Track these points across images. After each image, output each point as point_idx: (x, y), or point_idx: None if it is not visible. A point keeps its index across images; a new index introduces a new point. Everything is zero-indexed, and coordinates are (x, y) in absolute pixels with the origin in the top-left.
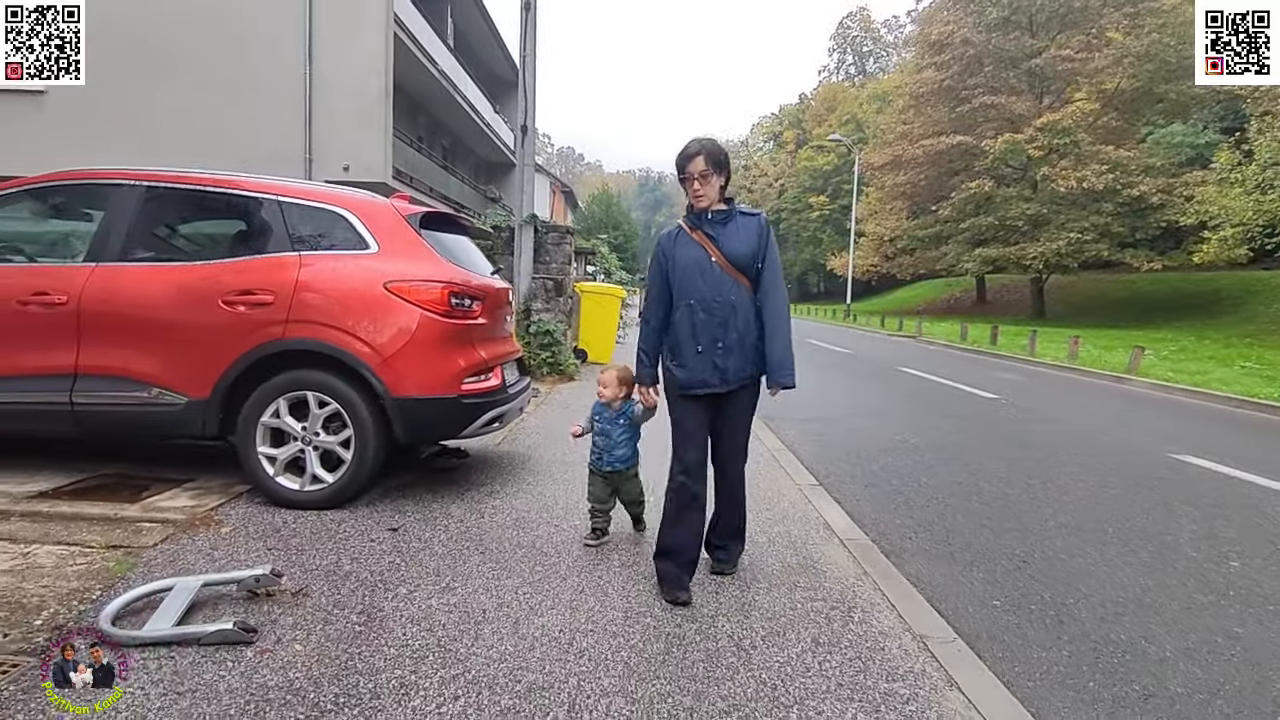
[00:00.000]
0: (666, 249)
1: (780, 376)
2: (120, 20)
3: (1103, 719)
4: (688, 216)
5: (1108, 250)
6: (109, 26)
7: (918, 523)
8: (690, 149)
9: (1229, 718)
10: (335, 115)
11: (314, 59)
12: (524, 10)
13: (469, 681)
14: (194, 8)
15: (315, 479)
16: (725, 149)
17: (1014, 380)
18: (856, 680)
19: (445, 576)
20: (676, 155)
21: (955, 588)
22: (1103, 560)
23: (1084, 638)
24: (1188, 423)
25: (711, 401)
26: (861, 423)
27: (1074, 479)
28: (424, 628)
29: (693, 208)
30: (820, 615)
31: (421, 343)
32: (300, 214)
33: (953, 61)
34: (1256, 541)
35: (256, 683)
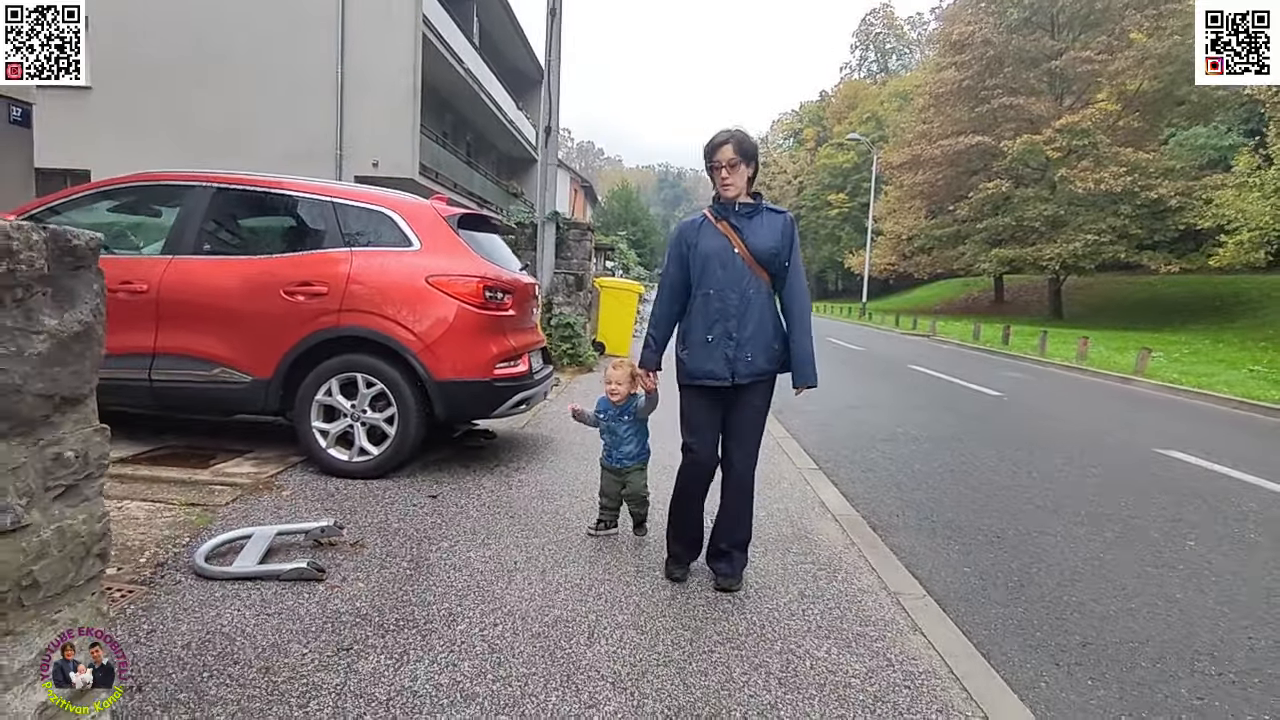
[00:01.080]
0: (689, 236)
1: (805, 376)
2: (162, 22)
3: (1043, 660)
4: (714, 206)
5: (1125, 252)
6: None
7: (906, 503)
8: (719, 138)
9: (1152, 660)
10: (366, 113)
11: (345, 58)
12: (550, 16)
13: (505, 613)
14: (232, 12)
15: (362, 451)
16: (755, 141)
17: (1020, 379)
18: (834, 625)
19: (480, 535)
20: (705, 144)
21: (932, 557)
22: (1071, 538)
23: (1040, 599)
24: (1183, 422)
25: (721, 395)
26: (865, 415)
27: (1059, 469)
28: (465, 574)
29: (719, 198)
30: (808, 574)
31: (459, 331)
32: (351, 214)
33: (973, 61)
34: (1217, 526)
35: (330, 609)
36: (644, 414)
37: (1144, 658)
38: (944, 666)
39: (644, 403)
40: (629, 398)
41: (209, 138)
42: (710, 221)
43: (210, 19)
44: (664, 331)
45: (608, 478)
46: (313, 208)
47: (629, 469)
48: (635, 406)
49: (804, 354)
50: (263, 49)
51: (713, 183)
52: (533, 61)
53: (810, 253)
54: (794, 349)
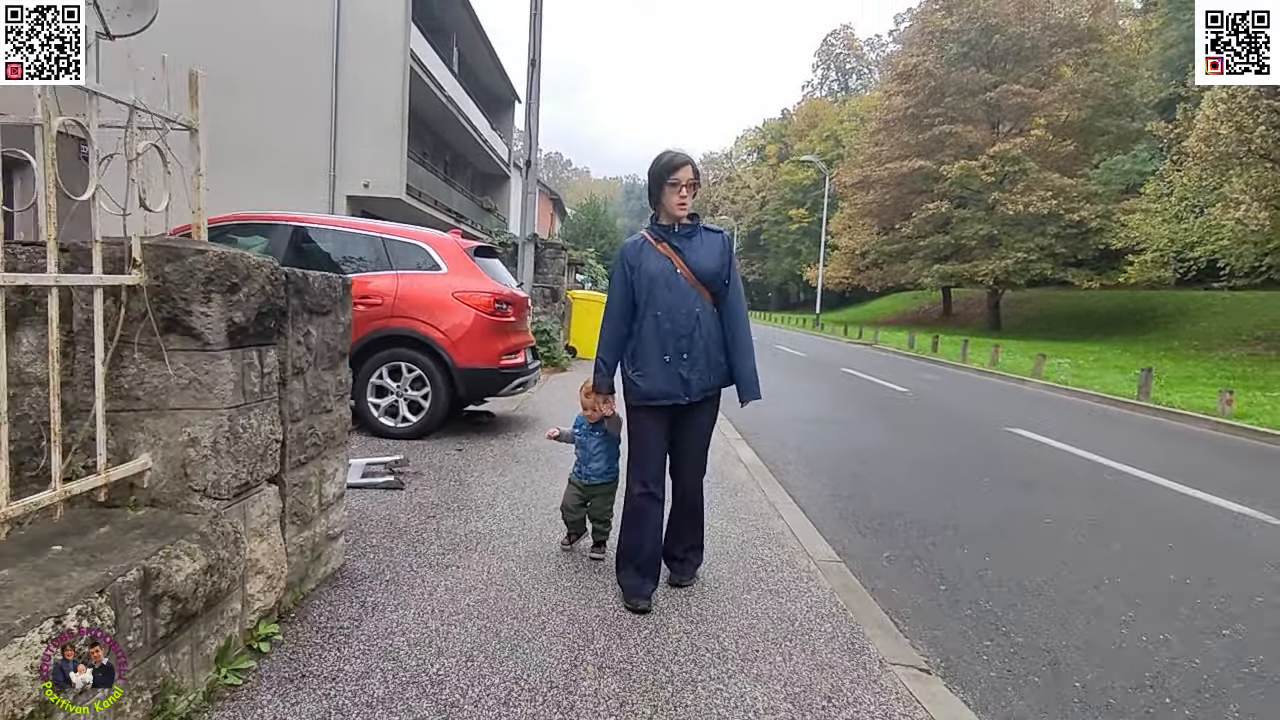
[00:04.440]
0: (631, 258)
1: (751, 392)
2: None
3: (851, 530)
4: (652, 228)
5: (1051, 269)
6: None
7: (799, 457)
8: (679, 158)
9: (913, 527)
10: (357, 137)
11: (339, 87)
12: (530, 66)
13: (524, 505)
14: (235, 42)
15: (404, 419)
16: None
17: (933, 379)
18: (730, 513)
19: (498, 469)
20: (658, 162)
21: (806, 486)
22: (911, 476)
23: (865, 504)
24: (1045, 411)
25: (672, 412)
26: (789, 403)
27: (922, 438)
28: (492, 489)
29: (656, 219)
30: (718, 494)
31: (476, 332)
32: (396, 246)
33: (917, 91)
34: (1018, 472)
35: (415, 502)
36: (614, 432)
37: (909, 528)
38: (790, 533)
39: (610, 424)
40: (603, 417)
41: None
42: (650, 243)
43: (212, 49)
44: (615, 355)
45: (570, 491)
46: (369, 241)
47: (596, 486)
48: (605, 425)
49: (748, 373)
50: (262, 78)
51: (660, 199)
52: (506, 84)
53: (773, 265)
54: (738, 369)
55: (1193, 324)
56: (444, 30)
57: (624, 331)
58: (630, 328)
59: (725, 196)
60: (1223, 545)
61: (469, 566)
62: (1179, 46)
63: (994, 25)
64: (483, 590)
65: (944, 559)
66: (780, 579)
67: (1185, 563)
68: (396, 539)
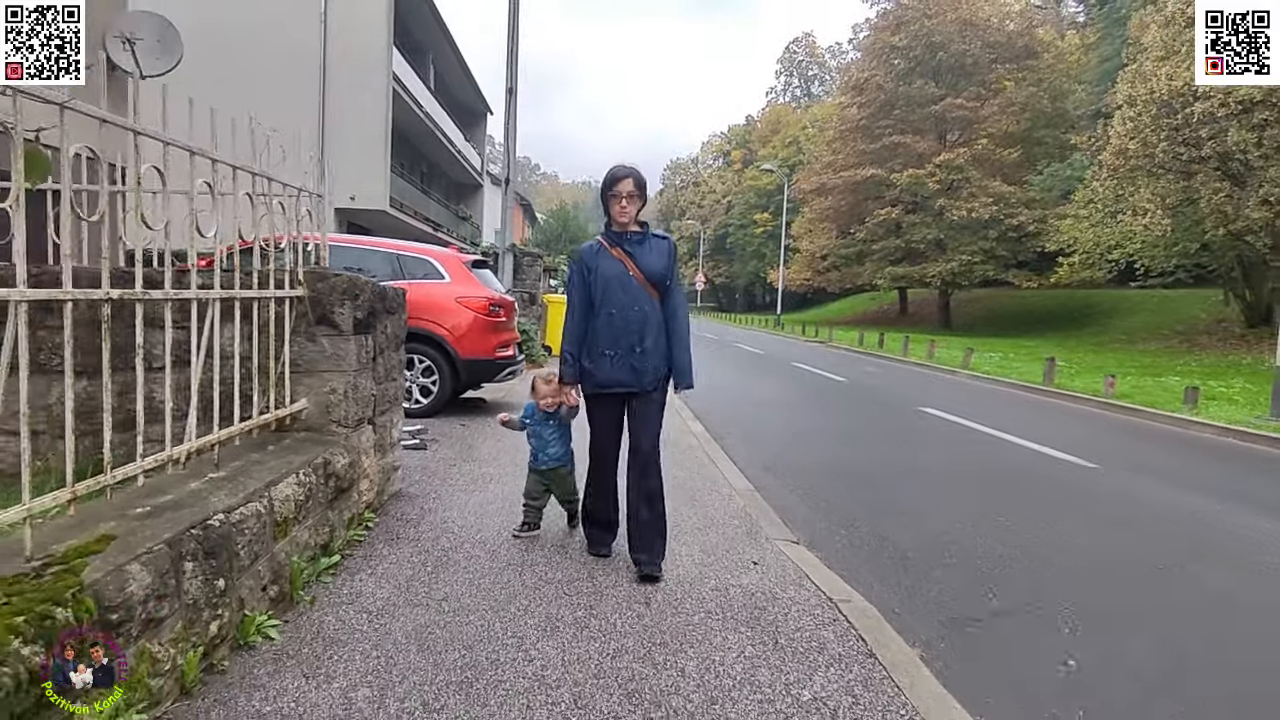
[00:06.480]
0: (589, 261)
1: (686, 382)
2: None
3: (767, 477)
4: (607, 234)
5: (993, 270)
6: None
7: (743, 431)
8: (620, 172)
9: (821, 473)
10: (344, 154)
11: (326, 108)
12: (508, 94)
13: (520, 461)
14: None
15: (416, 400)
16: (646, 179)
17: (873, 371)
18: (680, 462)
19: (496, 437)
20: (605, 176)
21: (745, 449)
22: (825, 441)
23: (785, 459)
24: (960, 395)
25: (625, 398)
26: (739, 391)
27: (847, 415)
28: (495, 448)
29: (610, 225)
30: (674, 456)
31: (474, 329)
32: (408, 260)
33: (869, 103)
34: (910, 438)
35: (438, 457)
36: (568, 419)
37: (811, 473)
38: (721, 477)
39: (566, 412)
40: (556, 406)
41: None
42: (605, 248)
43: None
44: (579, 348)
45: (533, 479)
46: (386, 257)
47: (556, 469)
48: (560, 413)
49: (683, 363)
50: (254, 98)
51: (607, 209)
52: (478, 96)
53: (739, 268)
54: (675, 359)
55: (1123, 320)
56: (421, 49)
57: (585, 327)
58: (589, 323)
59: (692, 201)
60: (1034, 476)
61: (486, 493)
62: (1114, 60)
63: (938, 43)
64: (499, 504)
65: (828, 489)
66: (708, 499)
67: (1002, 489)
68: (431, 477)
